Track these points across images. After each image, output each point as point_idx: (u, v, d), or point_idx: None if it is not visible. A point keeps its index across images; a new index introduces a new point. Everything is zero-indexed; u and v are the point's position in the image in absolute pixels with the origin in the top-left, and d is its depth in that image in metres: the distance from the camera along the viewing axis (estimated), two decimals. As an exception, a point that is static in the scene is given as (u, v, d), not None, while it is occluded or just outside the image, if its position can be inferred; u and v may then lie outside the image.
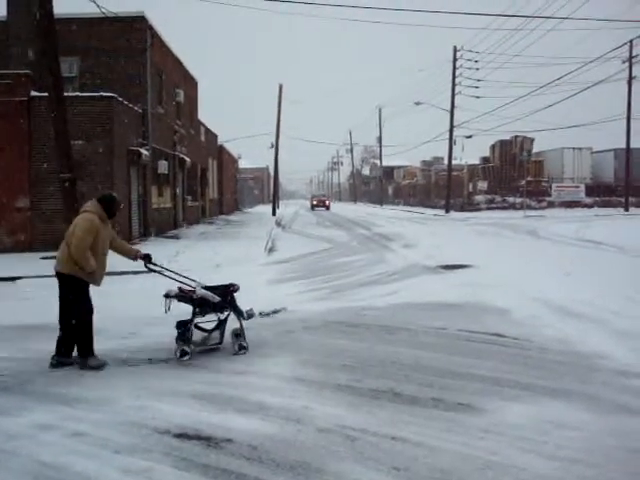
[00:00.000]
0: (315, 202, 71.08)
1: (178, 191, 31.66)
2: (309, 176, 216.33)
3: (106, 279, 14.61)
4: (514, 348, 7.75)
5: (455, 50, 47.98)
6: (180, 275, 8.19)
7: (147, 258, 8.08)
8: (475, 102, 48.94)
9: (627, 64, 42.65)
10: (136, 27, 24.50)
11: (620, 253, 17.93)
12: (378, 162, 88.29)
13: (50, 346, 8.28)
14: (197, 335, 7.96)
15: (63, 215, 16.26)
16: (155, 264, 8.16)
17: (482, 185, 52.34)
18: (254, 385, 6.41)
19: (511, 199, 49.62)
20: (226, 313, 8.04)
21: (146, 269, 8.19)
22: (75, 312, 7.54)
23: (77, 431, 5.25)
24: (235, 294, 8.04)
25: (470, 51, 47.59)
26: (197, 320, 7.93)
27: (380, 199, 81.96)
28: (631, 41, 41.51)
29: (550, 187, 50.65)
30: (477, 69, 47.80)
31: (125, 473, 4.47)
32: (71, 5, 23.27)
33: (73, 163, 15.88)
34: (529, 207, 46.03)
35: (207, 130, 42.67)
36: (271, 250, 21.19)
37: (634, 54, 42.15)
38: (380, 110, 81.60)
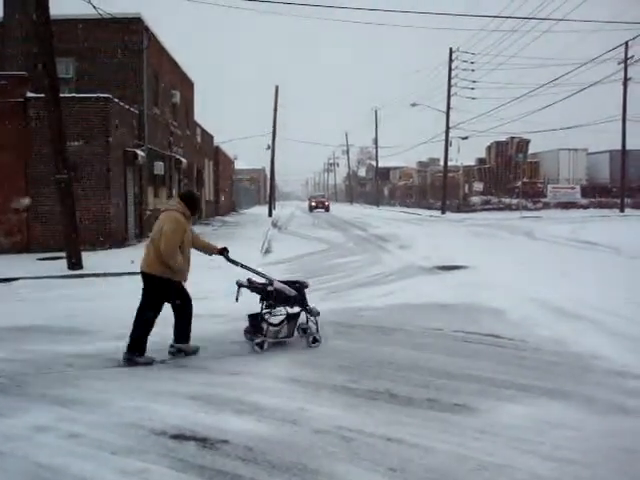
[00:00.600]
0: (314, 203, 67.53)
1: (174, 192, 31.62)
2: (305, 177, 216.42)
3: (101, 280, 14.72)
4: (510, 349, 7.76)
5: (451, 51, 48.05)
6: (254, 270, 8.62)
7: (226, 252, 8.39)
8: (471, 103, 48.96)
9: (623, 65, 42.74)
10: (132, 28, 24.47)
11: (616, 254, 17.96)
12: (374, 163, 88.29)
13: (47, 347, 8.29)
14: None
15: (59, 216, 16.26)
16: (231, 260, 8.55)
17: (478, 186, 52.38)
18: (250, 386, 6.41)
19: (507, 200, 49.66)
20: (297, 308, 8.28)
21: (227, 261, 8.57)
22: (146, 309, 7.62)
23: (73, 432, 5.24)
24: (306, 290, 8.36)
25: (466, 52, 47.70)
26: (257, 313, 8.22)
27: (376, 200, 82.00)
28: (627, 42, 41.60)
29: (546, 188, 50.70)
30: (473, 70, 47.90)
31: (121, 474, 4.46)
32: (67, 6, 23.24)
33: (69, 164, 15.86)
34: (525, 208, 46.09)
35: (203, 131, 42.65)
36: (267, 251, 21.19)
37: (629, 55, 42.26)
38: (376, 111, 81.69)
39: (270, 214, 49.99)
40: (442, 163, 51.92)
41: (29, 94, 20.24)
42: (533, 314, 9.66)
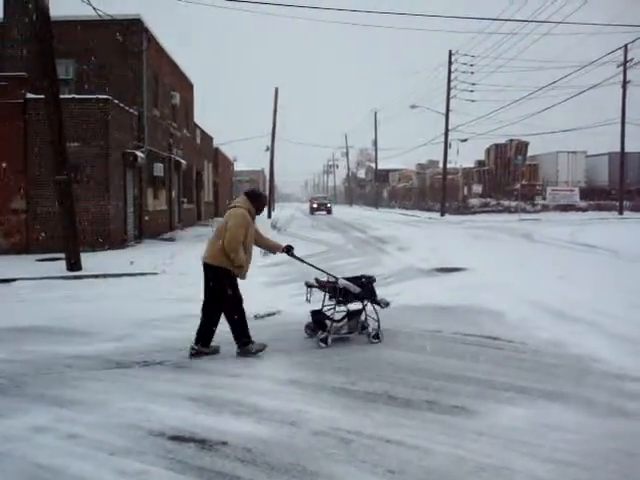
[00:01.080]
0: (315, 205, 64.82)
1: (174, 194, 31.66)
2: (304, 179, 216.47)
3: (101, 281, 14.71)
4: (509, 351, 7.77)
5: (450, 54, 48.09)
6: (318, 268, 8.97)
7: (289, 250, 8.47)
8: (470, 106, 49.04)
9: (622, 68, 42.79)
10: (132, 30, 24.53)
11: (614, 257, 17.97)
12: (373, 165, 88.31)
13: (46, 348, 8.29)
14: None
15: (59, 217, 16.26)
16: (296, 257, 8.73)
17: (477, 188, 52.43)
18: (249, 388, 6.41)
19: (506, 202, 49.68)
20: (358, 305, 8.45)
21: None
22: (225, 303, 7.76)
23: (72, 433, 5.24)
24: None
25: (465, 55, 47.76)
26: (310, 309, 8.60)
27: (375, 202, 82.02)
28: (626, 45, 41.68)
29: (545, 190, 50.72)
30: (472, 73, 47.94)
31: (120, 475, 4.46)
32: (67, 7, 23.27)
33: (69, 165, 15.87)
34: (524, 210, 46.13)
35: (203, 133, 42.66)
36: (266, 253, 21.16)
37: (629, 58, 42.31)
38: (375, 113, 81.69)
39: (269, 216, 50.00)
40: (441, 165, 51.97)
41: (29, 95, 20.25)
42: (532, 316, 9.67)
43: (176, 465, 4.60)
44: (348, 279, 8.39)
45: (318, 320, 8.44)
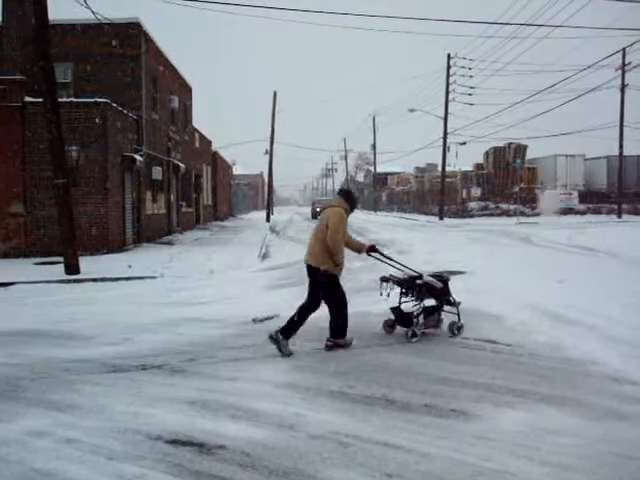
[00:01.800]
0: (318, 209, 63.15)
1: (172, 197, 31.66)
2: (303, 182, 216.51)
3: (99, 285, 14.72)
4: (507, 354, 7.77)
5: (449, 57, 48.15)
6: (403, 264, 9.15)
7: (373, 249, 8.74)
8: (469, 109, 49.19)
9: (620, 72, 42.85)
10: (130, 33, 24.56)
11: (613, 260, 17.97)
12: (372, 169, 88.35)
13: (44, 352, 8.28)
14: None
15: (57, 221, 16.26)
16: (381, 253, 8.87)
17: (476, 192, 52.44)
18: (247, 391, 6.41)
19: (504, 206, 49.71)
20: (433, 301, 8.91)
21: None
22: (331, 300, 8.10)
23: (69, 437, 5.24)
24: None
25: (464, 58, 47.81)
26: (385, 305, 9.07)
27: (374, 205, 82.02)
28: (624, 49, 41.74)
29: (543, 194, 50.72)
30: (471, 76, 48.00)
31: (118, 479, 4.46)
32: (66, 11, 23.29)
33: (67, 169, 15.88)
34: (522, 214, 46.16)
35: (201, 136, 42.69)
36: (265, 256, 21.19)
37: (627, 62, 42.37)
38: (374, 117, 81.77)
39: (268, 219, 50.03)
40: (440, 168, 51.97)
41: (27, 98, 20.27)
42: (530, 320, 9.66)
43: (174, 469, 4.60)
44: (431, 276, 8.84)
45: (401, 316, 8.83)
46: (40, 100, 16.14)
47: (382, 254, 8.89)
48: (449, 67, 48.28)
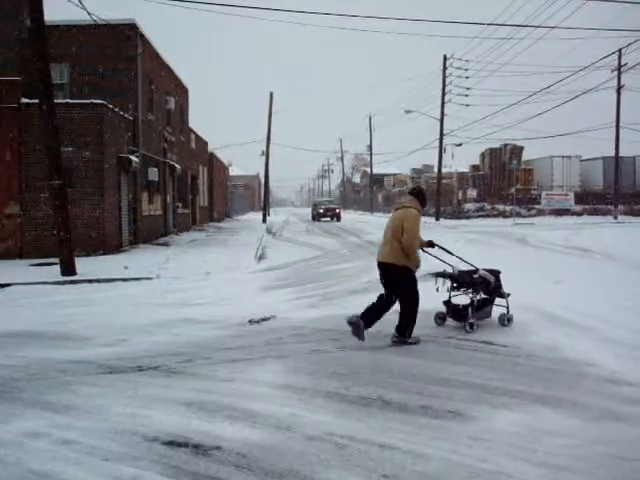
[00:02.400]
0: (321, 210, 55.30)
1: (168, 198, 31.64)
2: (300, 184, 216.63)
3: (95, 286, 14.69)
4: (503, 355, 7.78)
5: (445, 58, 48.22)
6: (461, 258, 9.73)
7: (431, 244, 9.14)
8: (465, 110, 49.30)
9: (616, 73, 42.96)
10: (127, 34, 24.53)
11: (609, 261, 18.02)
12: (368, 170, 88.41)
13: (40, 353, 8.27)
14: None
15: (53, 222, 16.24)
16: (440, 247, 9.40)
17: (472, 193, 52.52)
18: (243, 392, 6.40)
19: (501, 207, 49.78)
20: (483, 295, 9.42)
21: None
22: (406, 295, 8.41)
23: (66, 438, 5.23)
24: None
25: (460, 59, 47.92)
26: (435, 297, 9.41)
27: (370, 207, 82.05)
28: (620, 50, 41.87)
29: (539, 195, 50.83)
30: (467, 77, 48.11)
31: (114, 481, 4.46)
32: (62, 12, 23.27)
33: (63, 170, 15.85)
34: (519, 215, 46.24)
35: (197, 137, 42.68)
36: (261, 257, 21.18)
37: (623, 63, 42.49)
38: (370, 118, 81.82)
39: (264, 220, 50.03)
40: (436, 170, 52.02)
41: (23, 99, 20.24)
42: (526, 321, 9.67)
43: (170, 470, 4.59)
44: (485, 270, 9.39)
45: (455, 310, 9.32)
46: (36, 101, 16.11)
47: (442, 248, 9.39)
48: (445, 68, 48.35)
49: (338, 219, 53.64)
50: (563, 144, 56.55)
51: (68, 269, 15.64)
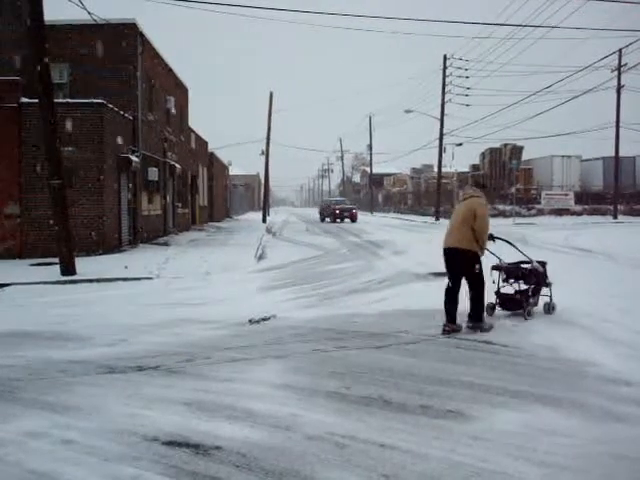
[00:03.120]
0: (338, 211, 49.83)
1: (168, 198, 31.62)
2: (299, 183, 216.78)
3: (95, 285, 14.69)
4: (503, 355, 7.78)
5: (445, 58, 48.23)
6: (518, 249, 10.59)
7: (491, 237, 9.63)
8: (465, 110, 49.32)
9: (616, 73, 42.96)
10: (127, 34, 24.50)
11: (609, 261, 18.02)
12: (368, 169, 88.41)
13: (40, 353, 8.27)
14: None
15: (53, 222, 16.23)
16: (499, 238, 10.11)
17: (472, 192, 52.38)
18: (243, 392, 6.40)
19: (500, 206, 49.76)
20: (525, 285, 10.10)
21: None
22: (476, 281, 9.05)
23: (66, 438, 5.22)
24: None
25: (460, 59, 47.91)
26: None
27: (370, 206, 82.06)
28: (620, 50, 41.86)
29: (539, 195, 50.82)
30: (467, 77, 48.12)
31: (114, 481, 4.45)
32: (62, 11, 23.27)
33: (63, 169, 15.85)
34: (518, 215, 46.23)
35: (197, 137, 42.66)
36: (261, 257, 21.17)
37: (623, 63, 42.49)
38: (370, 118, 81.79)
39: (264, 220, 50.00)
40: (436, 169, 52.02)
41: (23, 99, 20.23)
42: (527, 320, 9.68)
43: (170, 470, 4.59)
44: (517, 263, 10.30)
45: (507, 300, 10.04)
46: (36, 101, 16.11)
47: (502, 239, 10.17)
48: (445, 68, 48.36)
49: (354, 220, 48.78)
50: (563, 144, 56.48)
51: (68, 269, 15.64)
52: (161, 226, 29.87)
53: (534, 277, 10.03)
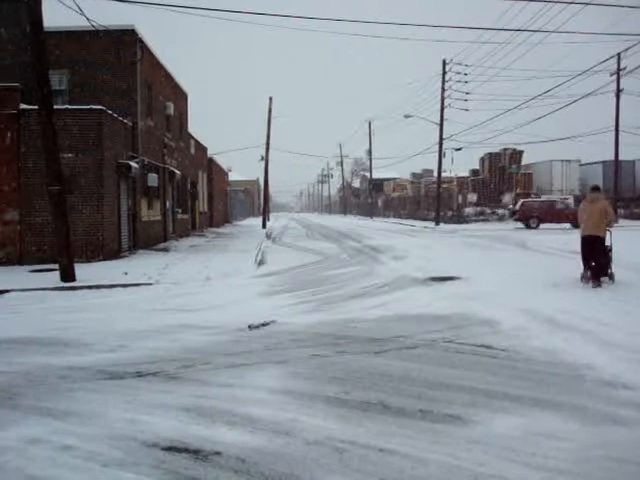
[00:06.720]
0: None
1: (168, 204, 31.64)
2: (299, 189, 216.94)
3: (94, 292, 14.70)
4: (502, 359, 7.78)
5: (444, 63, 48.32)
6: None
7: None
8: (465, 115, 49.35)
9: (615, 77, 43.02)
10: (126, 40, 24.56)
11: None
12: (368, 174, 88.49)
13: (39, 359, 8.26)
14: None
15: (52, 228, 16.24)
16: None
17: (472, 197, 52.58)
18: (243, 397, 6.40)
19: (500, 211, 49.81)
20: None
21: None
22: (604, 255, 13.95)
23: (66, 444, 5.23)
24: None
25: (459, 64, 48.00)
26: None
27: (370, 211, 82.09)
28: (619, 54, 41.93)
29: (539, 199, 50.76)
30: (466, 82, 48.21)
31: (113, 486, 4.46)
32: (61, 18, 23.32)
33: (62, 176, 15.86)
34: (518, 219, 46.16)
35: (197, 143, 42.70)
36: (261, 263, 21.17)
37: (622, 67, 42.56)
38: (370, 123, 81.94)
39: (264, 226, 50.04)
40: (436, 174, 52.07)
41: (22, 106, 20.27)
42: (526, 325, 9.69)
43: (170, 476, 4.59)
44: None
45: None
46: (35, 107, 16.14)
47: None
48: (444, 73, 48.44)
49: None
50: (563, 148, 56.74)
51: (67, 275, 15.64)
52: (161, 232, 29.88)
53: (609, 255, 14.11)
